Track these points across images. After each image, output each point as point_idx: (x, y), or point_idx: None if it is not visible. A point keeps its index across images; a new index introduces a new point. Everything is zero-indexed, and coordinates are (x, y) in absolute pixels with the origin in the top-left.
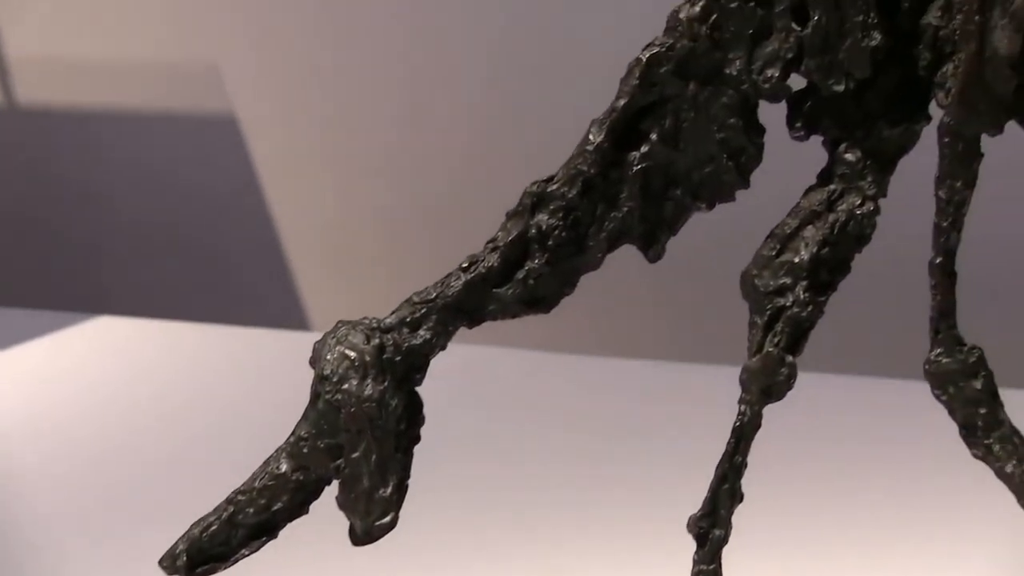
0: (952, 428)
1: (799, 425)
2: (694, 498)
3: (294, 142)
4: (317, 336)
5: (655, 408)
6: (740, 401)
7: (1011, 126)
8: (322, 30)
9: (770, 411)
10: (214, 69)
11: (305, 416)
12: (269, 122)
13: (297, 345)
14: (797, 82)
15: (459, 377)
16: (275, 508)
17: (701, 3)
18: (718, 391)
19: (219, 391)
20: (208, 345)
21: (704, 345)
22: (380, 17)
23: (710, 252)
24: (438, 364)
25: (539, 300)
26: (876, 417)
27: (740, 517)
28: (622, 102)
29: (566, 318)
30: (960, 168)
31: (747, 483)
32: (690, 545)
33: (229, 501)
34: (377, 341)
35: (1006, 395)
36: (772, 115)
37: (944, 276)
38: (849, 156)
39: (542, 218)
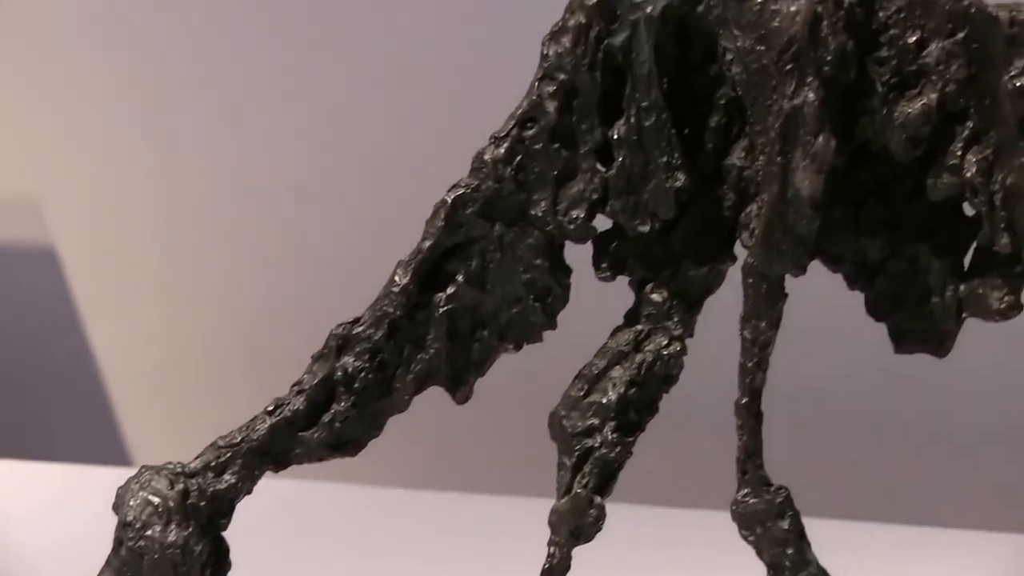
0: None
1: (617, 559)
2: None
3: (116, 276)
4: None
5: (479, 541)
6: (549, 543)
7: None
8: (146, 164)
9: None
10: (33, 201)
11: (108, 563)
12: (90, 256)
13: (119, 482)
14: (603, 223)
15: (279, 513)
16: None
17: (506, 144)
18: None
19: (33, 529)
20: (24, 482)
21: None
22: (202, 153)
23: (534, 385)
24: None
25: (346, 443)
26: (689, 549)
27: None
28: (428, 243)
29: (389, 452)
30: (764, 308)
31: None
32: None
33: None
34: (181, 486)
35: (816, 525)
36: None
37: (750, 416)
38: (655, 296)
39: (348, 360)
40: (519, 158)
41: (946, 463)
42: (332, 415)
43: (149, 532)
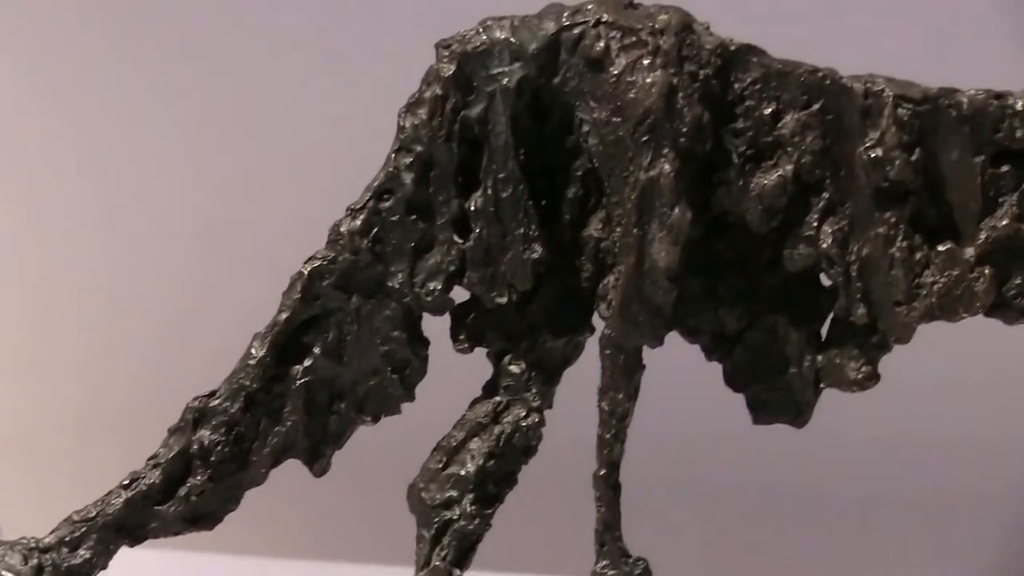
0: None
1: None
2: None
3: None
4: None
5: None
6: None
7: None
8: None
9: None
10: None
11: None
12: None
13: None
14: (461, 294)
15: None
16: None
17: (363, 216)
18: None
19: None
20: None
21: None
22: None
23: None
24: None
25: (202, 517)
26: None
27: None
28: (284, 316)
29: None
30: (622, 380)
31: None
32: None
33: None
34: (35, 562)
35: None
36: None
37: (608, 488)
38: (514, 368)
39: (204, 434)
40: (376, 230)
41: (810, 529)
42: (188, 488)
43: None
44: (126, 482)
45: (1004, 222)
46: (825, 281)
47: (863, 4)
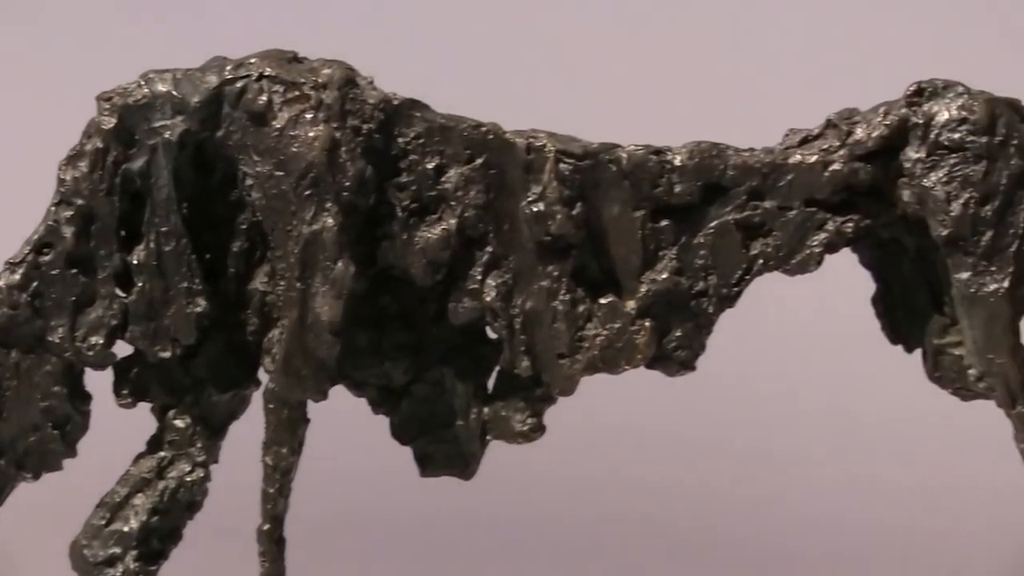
0: None
1: None
2: None
3: None
4: None
5: None
6: None
7: None
8: None
9: None
10: None
11: None
12: None
13: None
14: (124, 349)
15: None
16: None
17: (22, 270)
18: None
19: None
20: None
21: None
22: None
23: None
24: None
25: None
26: None
27: None
28: None
29: None
30: (286, 434)
31: None
32: None
33: None
34: None
35: None
36: None
37: (271, 543)
38: (178, 423)
39: None
40: (35, 284)
41: None
42: None
43: None
44: None
45: (663, 276)
46: (491, 334)
47: None
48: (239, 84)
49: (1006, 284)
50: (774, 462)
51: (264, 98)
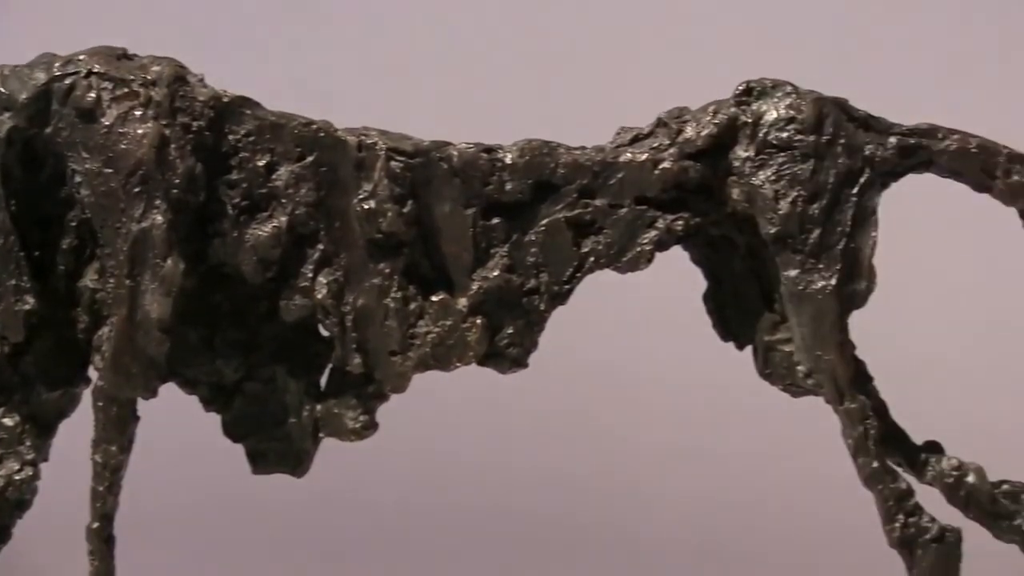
0: None
1: None
2: None
3: None
4: None
5: None
6: None
7: None
8: None
9: None
10: None
11: None
12: None
13: None
14: None
15: None
16: None
17: None
18: None
19: None
20: None
21: None
22: None
23: None
24: None
25: None
26: None
27: None
28: None
29: None
30: (115, 432)
31: None
32: None
33: None
34: None
35: None
36: None
37: (100, 541)
38: (7, 421)
39: None
40: None
41: None
42: None
43: None
44: None
45: (495, 273)
46: (323, 332)
47: None
48: (68, 81)
49: (833, 281)
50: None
51: (93, 95)
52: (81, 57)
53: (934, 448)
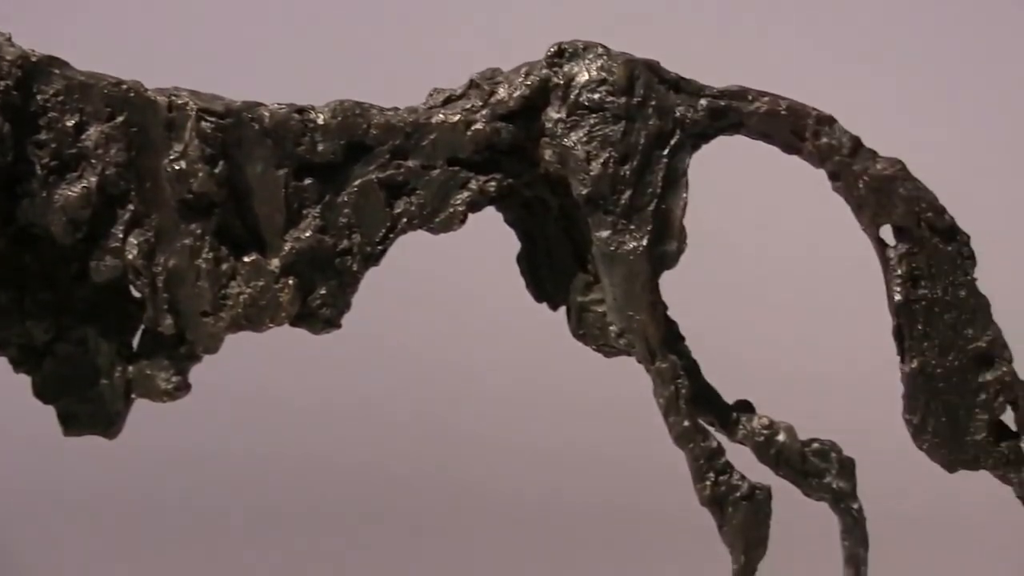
0: None
1: None
2: None
3: None
4: None
5: None
6: None
7: None
8: None
9: None
10: None
11: None
12: None
13: None
14: None
15: None
16: None
17: None
18: None
19: None
20: None
21: None
22: None
23: None
24: None
25: None
26: None
27: None
28: None
29: None
30: None
31: None
32: None
33: None
34: None
35: None
36: None
37: None
38: None
39: None
40: None
41: None
42: None
43: None
44: None
45: (307, 234)
46: (135, 292)
47: None
48: None
49: (644, 242)
50: None
51: None
52: None
53: (745, 407)
